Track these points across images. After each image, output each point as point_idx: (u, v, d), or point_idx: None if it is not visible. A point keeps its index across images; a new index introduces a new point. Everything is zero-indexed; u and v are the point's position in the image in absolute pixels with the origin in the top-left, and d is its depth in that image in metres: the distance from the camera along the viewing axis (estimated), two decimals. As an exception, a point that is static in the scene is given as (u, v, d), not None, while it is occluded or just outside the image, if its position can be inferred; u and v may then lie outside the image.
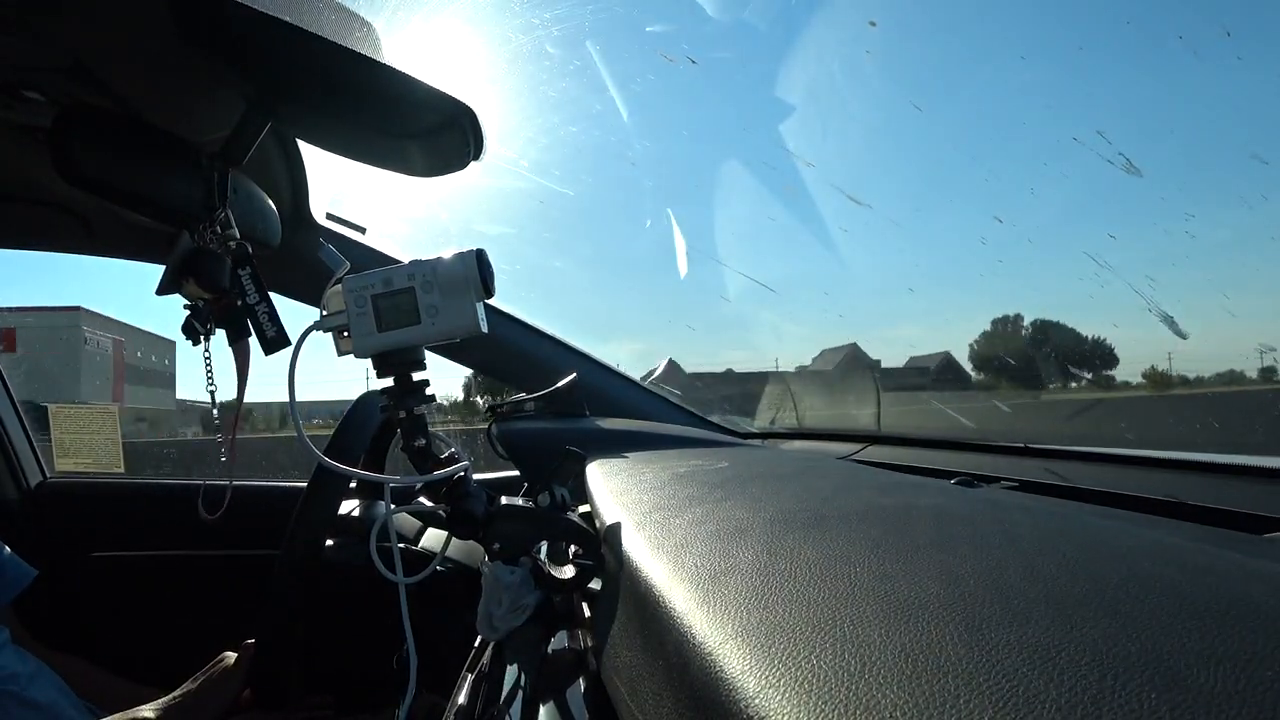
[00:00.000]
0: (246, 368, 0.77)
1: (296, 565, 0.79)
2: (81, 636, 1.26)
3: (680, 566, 0.32)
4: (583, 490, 0.60)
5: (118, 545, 1.32)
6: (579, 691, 0.41)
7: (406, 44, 0.89)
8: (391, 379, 0.50)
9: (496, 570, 0.50)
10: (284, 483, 1.37)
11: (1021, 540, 0.31)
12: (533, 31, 1.39)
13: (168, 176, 0.70)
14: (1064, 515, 0.39)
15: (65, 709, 0.90)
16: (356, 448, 0.85)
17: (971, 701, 0.17)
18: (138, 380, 7.31)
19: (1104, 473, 0.69)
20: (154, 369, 6.14)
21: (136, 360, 4.71)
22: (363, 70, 0.60)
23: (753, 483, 0.52)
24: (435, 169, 0.73)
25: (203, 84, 0.70)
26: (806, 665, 0.21)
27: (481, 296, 0.49)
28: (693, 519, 0.41)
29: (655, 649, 0.28)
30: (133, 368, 6.70)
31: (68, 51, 0.62)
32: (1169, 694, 0.17)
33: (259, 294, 0.71)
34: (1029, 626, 0.21)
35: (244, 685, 0.81)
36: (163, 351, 3.40)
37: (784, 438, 1.26)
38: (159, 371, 3.31)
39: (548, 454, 0.56)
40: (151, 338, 3.41)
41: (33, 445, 1.42)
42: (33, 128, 0.76)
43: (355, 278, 0.48)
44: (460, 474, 0.50)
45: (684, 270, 1.84)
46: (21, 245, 1.19)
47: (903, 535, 0.33)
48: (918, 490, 0.47)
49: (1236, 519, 0.51)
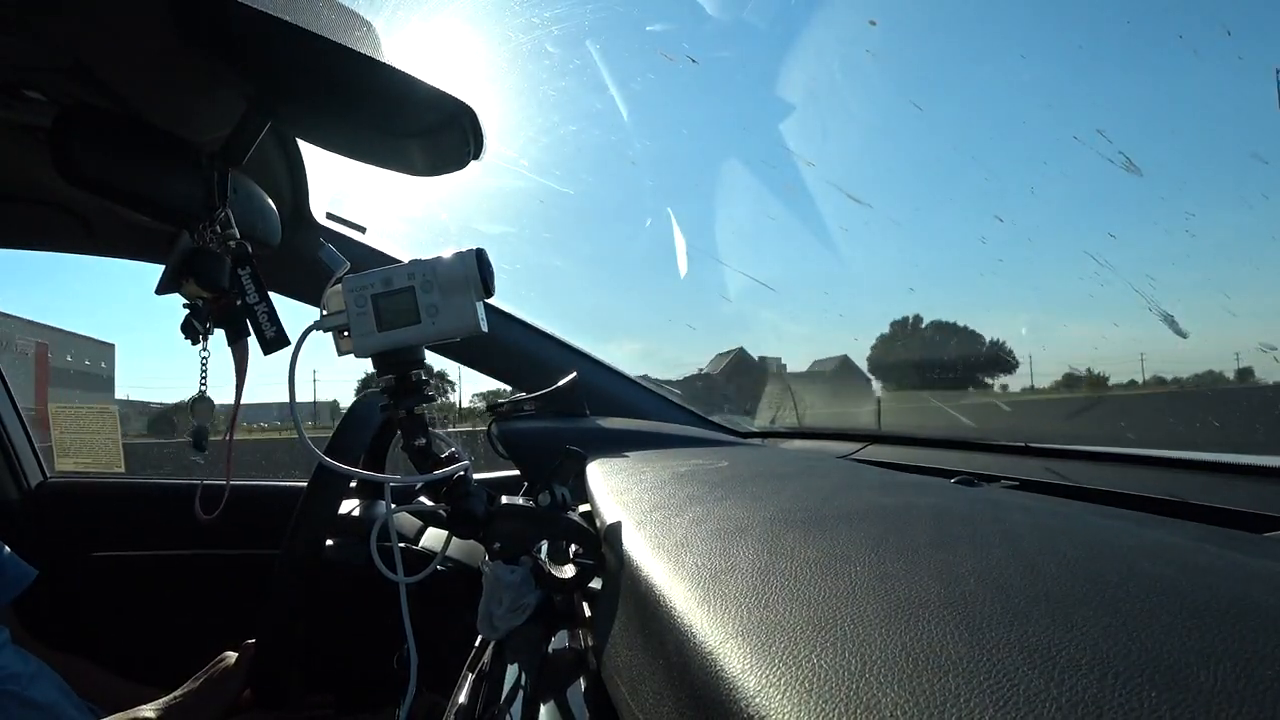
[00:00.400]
0: (245, 368, 0.77)
1: (296, 565, 0.79)
2: (82, 636, 1.26)
3: (680, 566, 0.32)
4: (583, 490, 0.60)
5: (118, 545, 1.32)
6: (579, 691, 0.41)
7: (406, 43, 0.89)
8: (392, 378, 0.50)
9: (497, 570, 0.50)
10: (284, 483, 1.37)
11: (1022, 540, 0.31)
12: (533, 31, 1.39)
13: (168, 176, 0.70)
14: (1064, 514, 0.39)
15: (66, 709, 0.90)
16: (356, 447, 0.85)
17: (971, 701, 0.17)
18: (69, 384, 7.24)
19: (1104, 472, 0.69)
20: (89, 372, 6.10)
21: (67, 364, 4.66)
22: (363, 69, 0.60)
23: (753, 482, 0.52)
24: (435, 168, 0.73)
25: (203, 84, 0.70)
26: (807, 664, 0.21)
27: (481, 296, 0.49)
28: (693, 518, 0.41)
29: (656, 648, 0.28)
30: (63, 371, 6.64)
31: (68, 51, 0.62)
32: (1169, 693, 0.17)
33: (258, 294, 0.71)
34: (1029, 626, 0.21)
35: (244, 685, 0.81)
36: (99, 354, 3.36)
37: (784, 437, 1.26)
38: (95, 375, 3.29)
39: (548, 454, 0.56)
40: (87, 341, 3.38)
41: (33, 445, 1.41)
42: (33, 128, 0.76)
43: (355, 277, 0.48)
44: (460, 473, 0.50)
45: (684, 269, 1.84)
46: (21, 245, 1.19)
47: (903, 534, 0.33)
48: (918, 489, 0.47)
49: (1237, 518, 0.51)
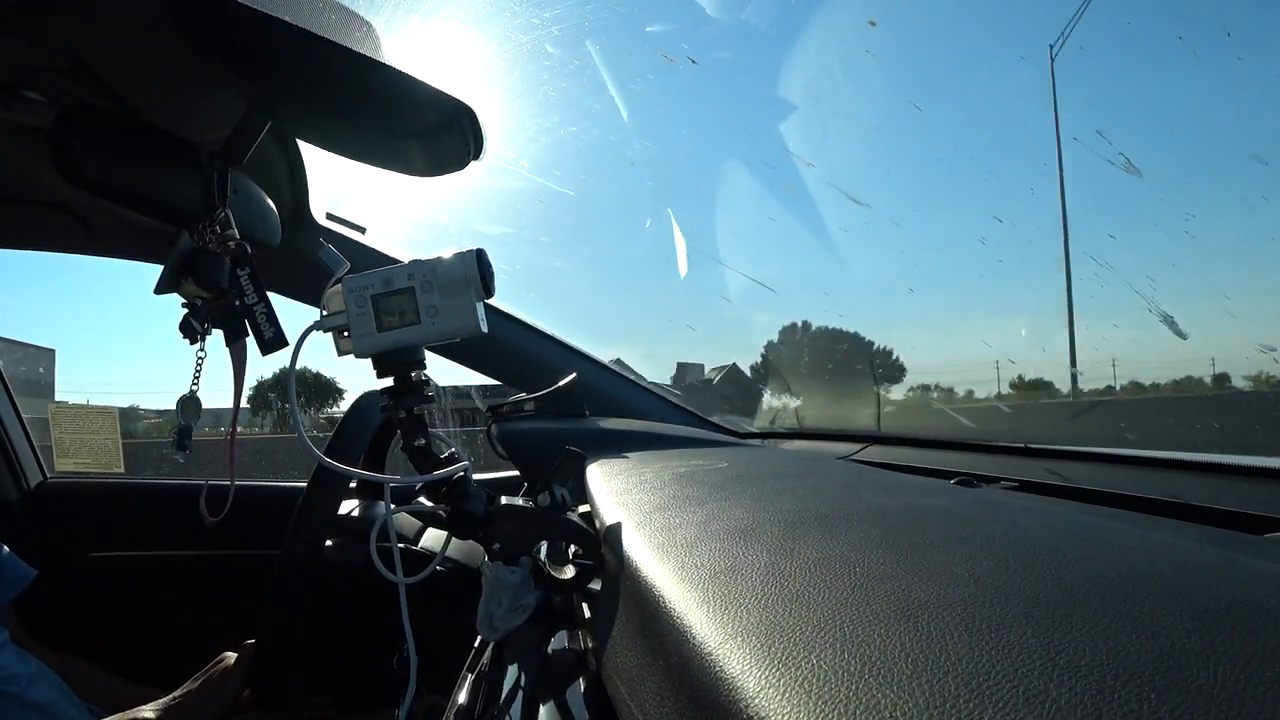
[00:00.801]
0: (243, 369, 0.77)
1: (296, 565, 0.79)
2: (82, 637, 1.26)
3: (680, 566, 0.32)
4: (583, 490, 0.60)
5: (118, 545, 1.32)
6: (579, 692, 0.41)
7: (406, 44, 0.89)
8: (391, 379, 0.50)
9: (496, 570, 0.50)
10: (284, 483, 1.37)
11: (1021, 541, 0.31)
12: (533, 31, 1.39)
13: (168, 176, 0.70)
14: (1064, 515, 0.39)
15: (66, 709, 0.90)
16: (356, 448, 0.85)
17: (972, 701, 0.17)
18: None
19: (1104, 473, 0.69)
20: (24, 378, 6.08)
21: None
22: (363, 70, 0.60)
23: (753, 483, 0.52)
24: (435, 169, 0.73)
25: (203, 84, 0.70)
26: (807, 665, 0.21)
27: (481, 296, 0.49)
28: (693, 519, 0.41)
29: (656, 649, 0.28)
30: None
31: (68, 51, 0.62)
32: (1169, 694, 0.17)
33: (257, 294, 0.71)
34: (1029, 626, 0.21)
35: (244, 685, 0.81)
36: (36, 360, 3.27)
37: (784, 437, 1.26)
38: (33, 381, 3.21)
39: (548, 454, 0.56)
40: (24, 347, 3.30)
41: (33, 445, 1.42)
42: (33, 128, 0.76)
43: (355, 278, 0.48)
44: (460, 474, 0.50)
45: (684, 270, 1.84)
46: (21, 245, 1.19)
47: (903, 535, 0.33)
48: (918, 490, 0.47)
49: (1237, 519, 0.51)
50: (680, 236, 1.85)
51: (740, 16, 2.61)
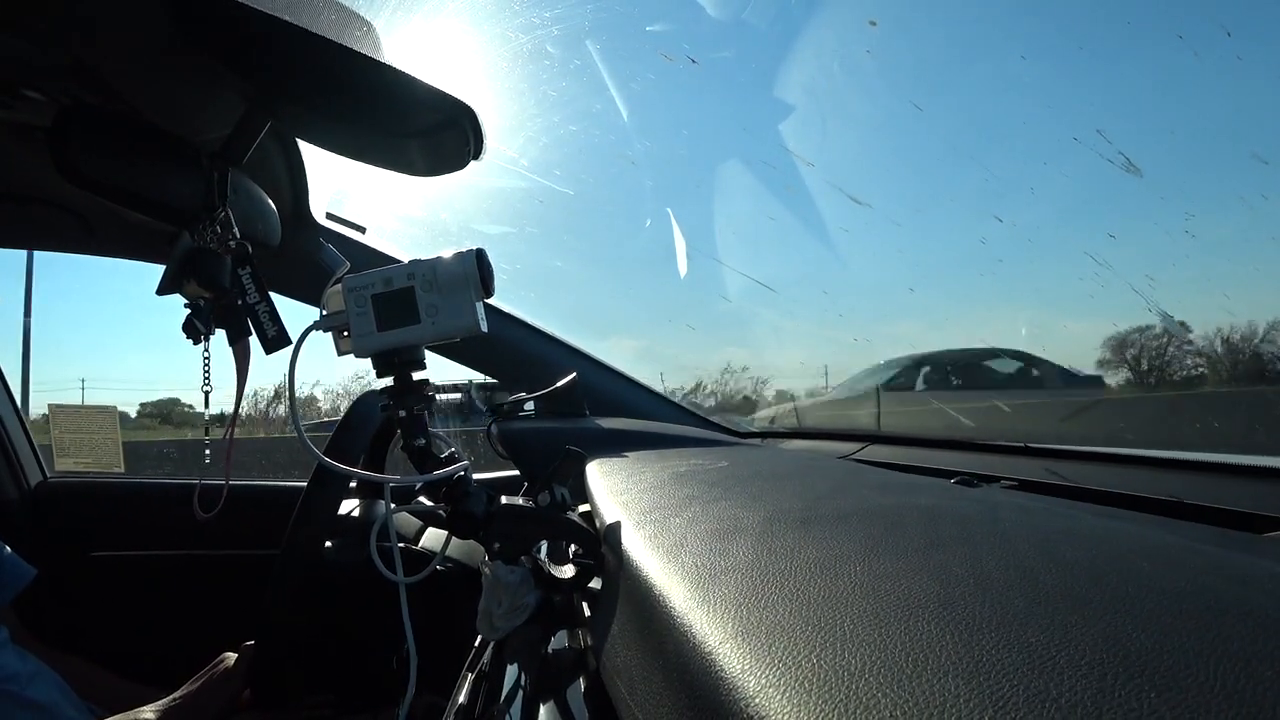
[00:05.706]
0: (246, 367, 0.77)
1: (296, 565, 0.79)
2: (81, 636, 1.26)
3: (680, 566, 0.32)
4: (583, 490, 0.60)
5: (117, 545, 1.32)
6: (579, 691, 0.41)
7: (406, 44, 0.89)
8: (391, 378, 0.50)
9: (496, 570, 0.50)
10: (284, 482, 1.37)
11: (1020, 540, 0.31)
12: (533, 31, 1.39)
13: (168, 176, 0.70)
14: (1063, 515, 0.39)
15: (65, 709, 0.90)
16: (356, 448, 0.85)
17: (972, 701, 0.17)
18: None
19: (1104, 472, 0.69)
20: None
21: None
22: (363, 69, 0.60)
23: (752, 482, 0.52)
24: (435, 168, 0.73)
25: (203, 84, 0.70)
26: (806, 665, 0.21)
27: (481, 296, 0.49)
28: (692, 518, 0.41)
29: (655, 649, 0.28)
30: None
31: (68, 51, 0.62)
32: (1168, 694, 0.17)
33: (259, 293, 0.71)
34: (1029, 626, 0.21)
35: (244, 685, 0.81)
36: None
37: (784, 437, 1.26)
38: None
39: (548, 454, 0.56)
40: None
41: (33, 445, 1.42)
42: (33, 128, 0.76)
43: (355, 277, 0.48)
44: (460, 474, 0.50)
45: (684, 269, 1.84)
46: (21, 245, 1.19)
47: (903, 535, 0.33)
48: (917, 490, 0.48)
49: (1236, 519, 0.51)
50: (680, 236, 1.84)
51: (740, 16, 2.61)
